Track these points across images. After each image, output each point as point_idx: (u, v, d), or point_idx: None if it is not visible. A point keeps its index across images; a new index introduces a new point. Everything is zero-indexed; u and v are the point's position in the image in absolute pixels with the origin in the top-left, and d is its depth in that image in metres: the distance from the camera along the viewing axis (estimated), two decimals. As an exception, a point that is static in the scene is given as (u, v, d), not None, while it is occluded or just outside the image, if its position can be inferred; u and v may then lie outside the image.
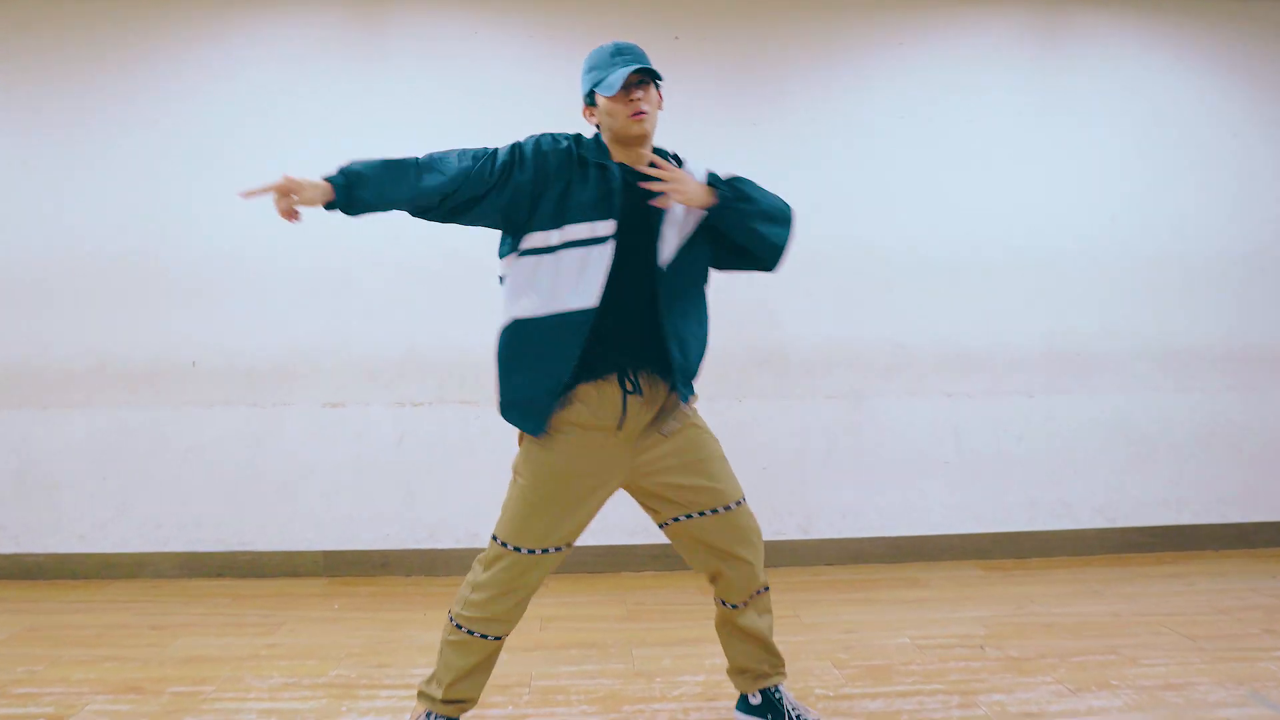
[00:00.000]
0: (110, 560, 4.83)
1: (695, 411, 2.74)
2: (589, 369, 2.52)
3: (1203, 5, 5.25)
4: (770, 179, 4.77)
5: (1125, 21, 5.23)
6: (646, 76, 2.55)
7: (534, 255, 2.50)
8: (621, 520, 4.52)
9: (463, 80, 4.93)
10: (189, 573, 4.83)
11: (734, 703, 3.08)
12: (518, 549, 2.59)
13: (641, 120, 2.53)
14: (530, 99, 4.86)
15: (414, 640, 3.82)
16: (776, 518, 4.93)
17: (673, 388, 2.62)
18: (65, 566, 4.82)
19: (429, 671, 2.83)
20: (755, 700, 2.92)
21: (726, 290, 4.89)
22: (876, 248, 5.05)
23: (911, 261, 5.07)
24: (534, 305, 2.48)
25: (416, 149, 4.76)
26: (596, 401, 2.54)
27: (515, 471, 2.63)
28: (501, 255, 2.62)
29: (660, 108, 2.64)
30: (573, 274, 2.47)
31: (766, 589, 2.89)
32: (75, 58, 4.85)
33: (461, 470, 4.86)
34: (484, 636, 2.66)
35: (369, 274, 4.88)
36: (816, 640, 3.77)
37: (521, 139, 2.63)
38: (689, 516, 2.71)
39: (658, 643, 3.78)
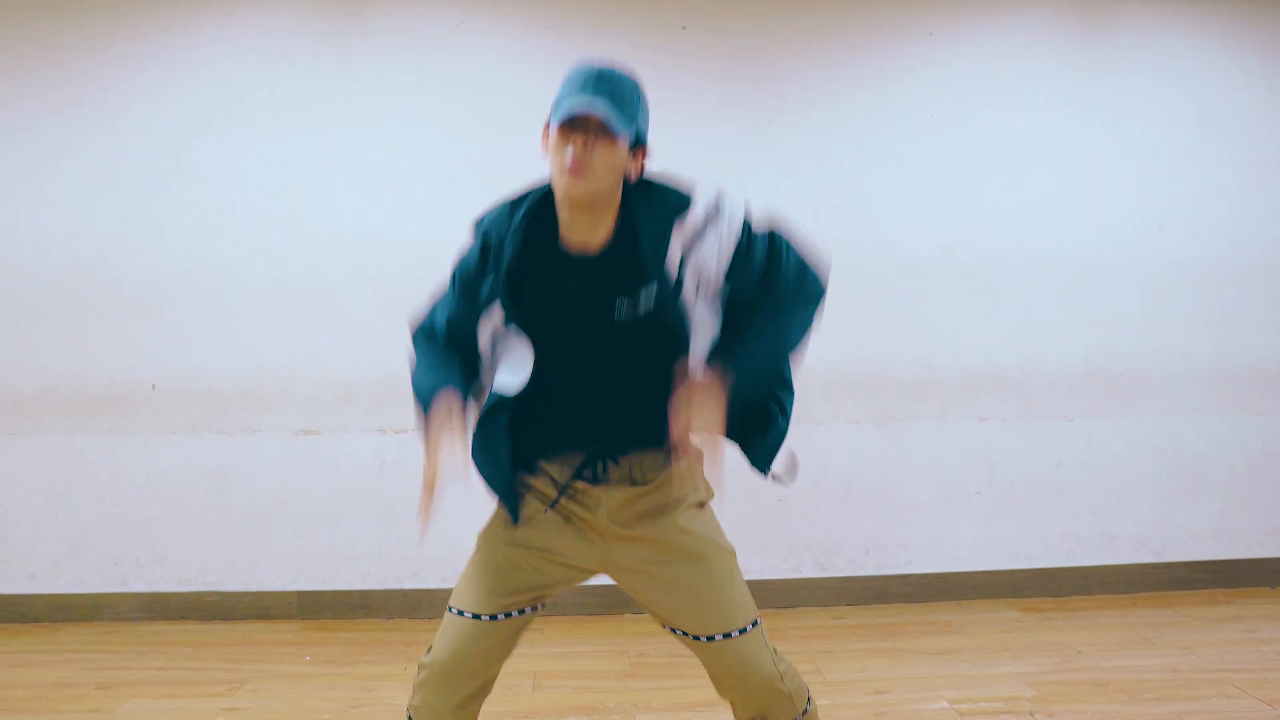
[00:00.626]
0: (64, 601, 4.44)
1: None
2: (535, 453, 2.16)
3: (1258, -5, 4.90)
4: (787, 180, 4.44)
5: (1172, 13, 4.87)
6: (607, 125, 1.87)
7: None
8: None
9: (447, 74, 4.55)
10: (149, 615, 4.44)
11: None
12: (455, 611, 2.13)
13: (573, 180, 1.87)
14: (522, 96, 4.43)
15: (393, 701, 3.43)
16: (793, 554, 4.55)
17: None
18: (13, 609, 4.43)
19: None
20: None
21: (739, 306, 4.49)
22: (903, 256, 4.68)
23: (941, 272, 4.69)
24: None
25: (395, 148, 4.41)
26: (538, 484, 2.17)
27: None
28: None
29: (634, 171, 2.00)
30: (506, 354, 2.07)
31: None
32: (25, 51, 4.46)
33: (447, 503, 4.45)
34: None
35: (345, 289, 4.49)
36: (845, 705, 3.37)
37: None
38: (673, 629, 2.17)
39: (663, 707, 3.39)
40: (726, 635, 2.04)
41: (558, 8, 4.58)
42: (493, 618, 2.07)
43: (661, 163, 2.70)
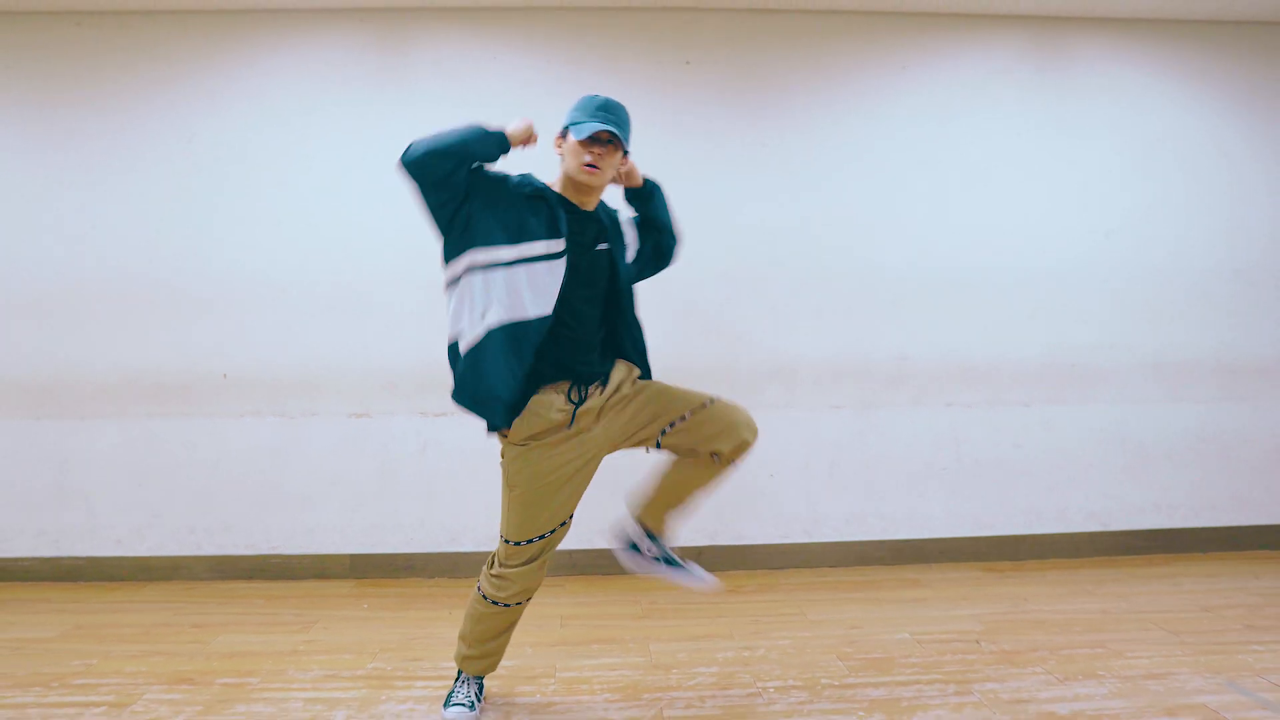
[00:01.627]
0: (146, 563, 5.06)
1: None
2: (540, 375, 2.91)
3: (1197, 29, 5.49)
4: (780, 197, 5.08)
5: (1122, 45, 5.47)
6: (615, 140, 2.92)
7: (484, 270, 2.82)
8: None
9: (481, 101, 5.17)
10: (221, 575, 5.06)
11: (744, 691, 3.31)
12: (529, 540, 2.96)
13: (592, 174, 2.91)
14: (546, 121, 5.07)
15: (443, 636, 4.04)
16: (783, 522, 5.16)
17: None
18: (103, 569, 5.05)
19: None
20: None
21: (735, 304, 5.14)
22: (882, 264, 5.29)
23: (915, 277, 5.30)
24: (498, 314, 2.80)
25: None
26: (546, 410, 2.92)
27: (508, 483, 3.01)
28: (450, 265, 2.94)
29: (623, 170, 3.14)
30: (527, 287, 2.80)
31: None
32: (108, 81, 5.10)
33: (481, 477, 5.07)
34: (507, 605, 3.09)
35: (391, 291, 5.12)
36: (822, 635, 3.99)
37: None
38: (664, 431, 3.06)
39: (672, 638, 4.00)
40: (702, 406, 3.04)
41: (576, 44, 5.21)
42: (551, 532, 3.00)
43: (669, 179, 3.40)
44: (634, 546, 3.28)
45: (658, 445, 3.11)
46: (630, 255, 3.22)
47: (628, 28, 5.23)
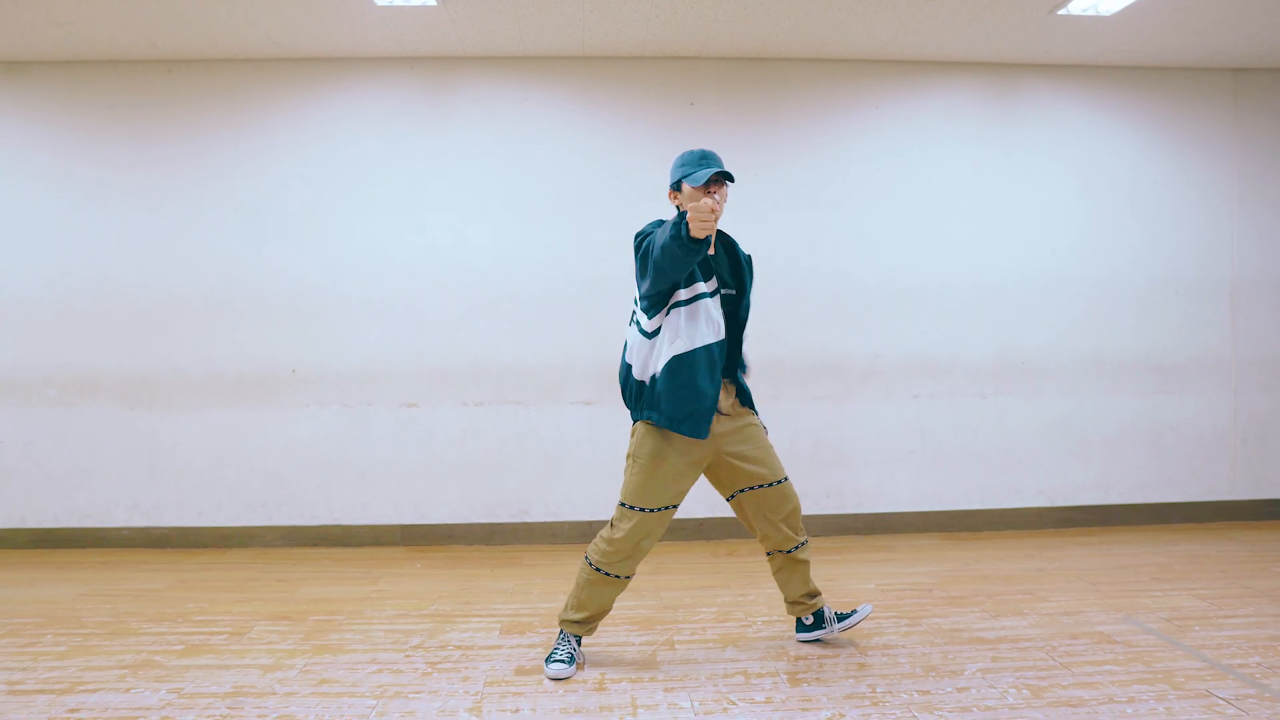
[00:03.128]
0: (225, 532, 5.91)
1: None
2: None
3: (1133, 74, 6.29)
4: (771, 217, 5.94)
5: (1066, 87, 6.29)
6: (724, 179, 3.52)
7: (677, 307, 3.56)
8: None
9: (514, 135, 6.00)
10: (290, 542, 5.90)
11: (739, 625, 4.16)
12: (643, 509, 3.64)
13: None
14: (569, 151, 5.97)
15: (489, 587, 4.89)
16: (773, 498, 5.98)
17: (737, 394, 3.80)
18: (188, 538, 5.89)
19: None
20: (809, 620, 3.96)
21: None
22: (856, 277, 6.12)
23: (885, 288, 6.13)
24: (683, 344, 3.55)
25: (475, 192, 5.84)
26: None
27: (633, 456, 3.67)
28: (649, 312, 3.60)
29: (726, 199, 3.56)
30: (701, 319, 3.56)
31: (806, 541, 3.88)
32: (195, 115, 5.92)
33: (513, 458, 5.93)
34: (617, 576, 3.72)
35: (438, 299, 5.95)
36: (803, 586, 4.84)
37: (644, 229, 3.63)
38: (746, 490, 3.76)
39: (680, 588, 4.86)
40: (786, 479, 3.75)
41: (592, 87, 6.02)
42: (666, 509, 3.68)
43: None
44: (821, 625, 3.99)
45: (730, 498, 3.85)
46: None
47: (639, 74, 6.03)
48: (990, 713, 3.22)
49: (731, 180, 3.54)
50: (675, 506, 3.69)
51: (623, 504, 3.66)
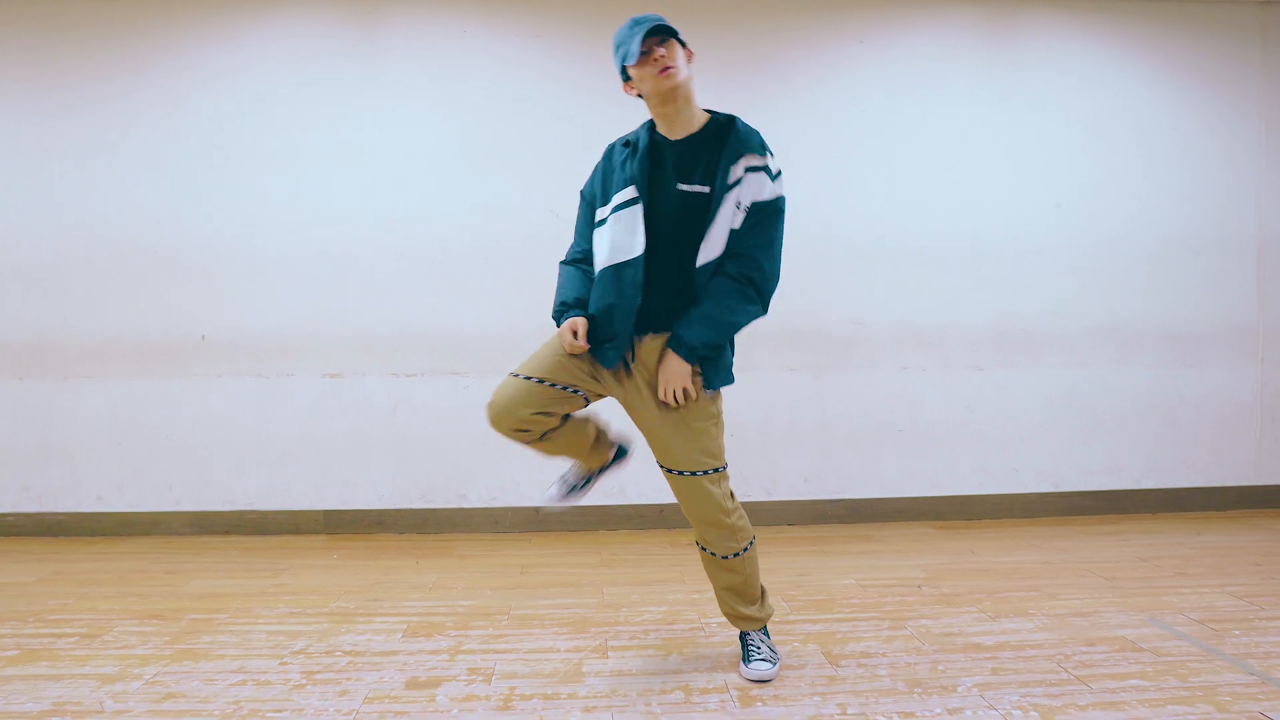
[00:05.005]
0: (126, 519, 5.24)
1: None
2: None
3: (1148, 6, 5.65)
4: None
5: (1074, 20, 5.63)
6: (664, 34, 2.76)
7: (598, 227, 2.96)
8: (601, 483, 4.94)
9: (453, 75, 5.33)
10: (199, 530, 5.24)
11: (690, 628, 3.51)
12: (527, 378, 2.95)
13: (669, 75, 2.74)
14: (517, 94, 5.28)
15: (408, 581, 4.23)
16: (743, 481, 5.32)
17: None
18: (85, 524, 5.23)
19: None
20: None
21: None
22: (837, 232, 5.45)
23: (870, 245, 5.47)
24: (601, 259, 2.91)
25: (408, 136, 5.17)
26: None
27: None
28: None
29: (691, 60, 2.86)
30: (624, 234, 2.86)
31: (725, 557, 3.05)
32: (93, 54, 5.24)
33: (451, 436, 5.26)
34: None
35: (367, 257, 5.27)
36: (771, 580, 4.13)
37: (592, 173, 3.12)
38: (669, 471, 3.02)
39: (627, 583, 4.18)
40: (687, 473, 2.91)
41: (545, 22, 5.34)
42: (540, 382, 2.91)
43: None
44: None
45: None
46: (726, 216, 2.84)
47: (594, 7, 5.35)
48: (989, 742, 2.55)
49: (674, 34, 2.79)
50: (553, 386, 2.94)
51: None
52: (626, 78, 2.89)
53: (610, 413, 3.20)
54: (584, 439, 3.12)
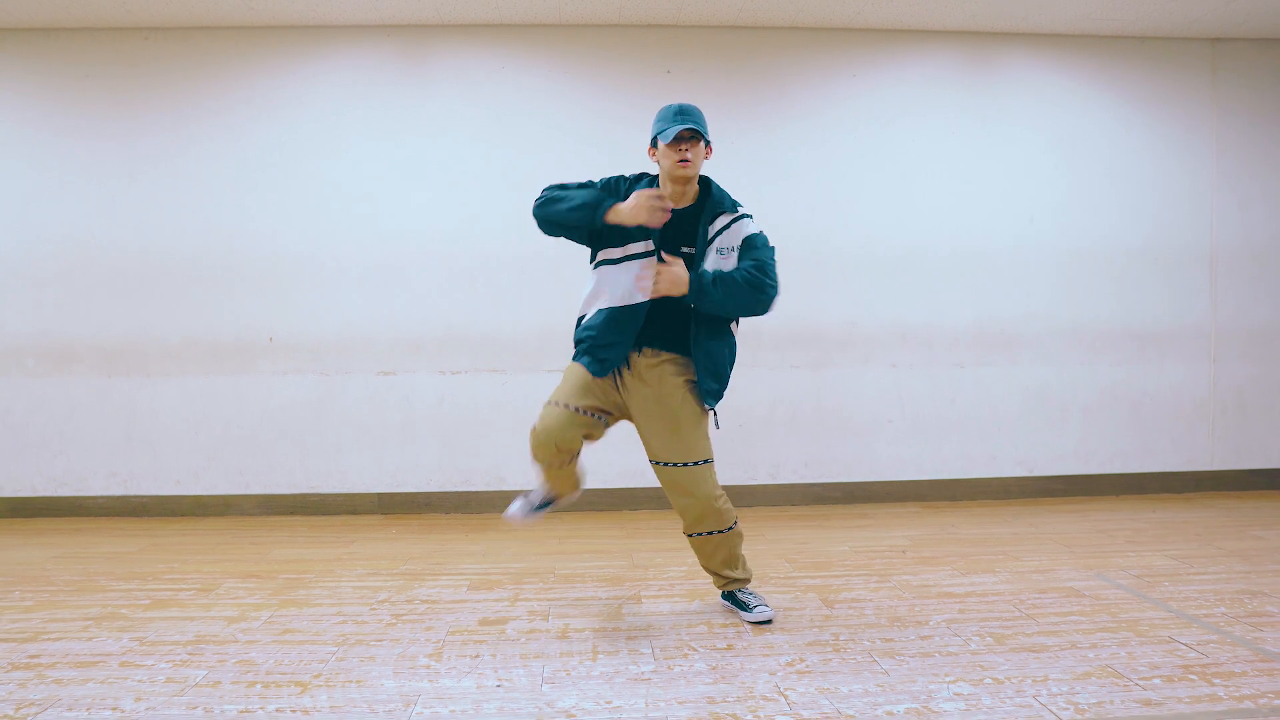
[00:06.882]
0: (202, 500, 5.89)
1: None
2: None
3: (1112, 43, 6.29)
4: (750, 189, 5.87)
5: (1046, 56, 6.28)
6: (696, 134, 3.41)
7: (609, 265, 3.54)
8: (625, 467, 5.65)
9: (492, 103, 5.99)
10: (268, 510, 5.89)
11: (708, 582, 4.15)
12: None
13: (686, 167, 3.41)
14: (546, 118, 5.94)
15: (462, 549, 4.89)
16: (751, 466, 5.99)
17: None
18: (165, 506, 5.88)
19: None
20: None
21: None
22: (834, 245, 6.11)
23: (864, 256, 6.12)
24: (608, 301, 3.52)
25: (454, 159, 5.80)
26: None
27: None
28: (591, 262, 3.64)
29: (708, 157, 3.52)
30: (616, 281, 3.52)
31: (714, 533, 3.65)
32: (173, 86, 5.90)
33: (491, 426, 5.91)
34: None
35: (414, 267, 5.93)
36: (775, 548, 4.83)
37: (602, 178, 3.64)
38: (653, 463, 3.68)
39: (652, 549, 4.85)
40: (685, 464, 3.55)
41: (569, 55, 6.01)
42: (576, 410, 3.49)
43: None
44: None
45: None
46: (710, 264, 3.51)
47: (616, 41, 6.02)
48: (952, 658, 3.20)
49: (702, 136, 3.44)
50: (585, 414, 3.52)
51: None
52: (654, 144, 3.52)
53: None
54: (578, 471, 3.76)
